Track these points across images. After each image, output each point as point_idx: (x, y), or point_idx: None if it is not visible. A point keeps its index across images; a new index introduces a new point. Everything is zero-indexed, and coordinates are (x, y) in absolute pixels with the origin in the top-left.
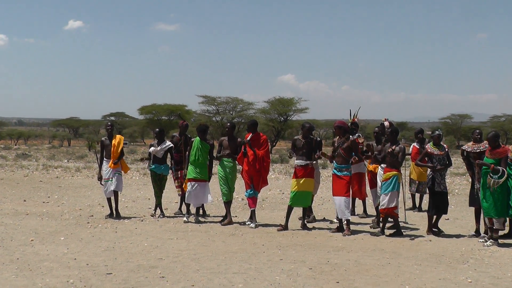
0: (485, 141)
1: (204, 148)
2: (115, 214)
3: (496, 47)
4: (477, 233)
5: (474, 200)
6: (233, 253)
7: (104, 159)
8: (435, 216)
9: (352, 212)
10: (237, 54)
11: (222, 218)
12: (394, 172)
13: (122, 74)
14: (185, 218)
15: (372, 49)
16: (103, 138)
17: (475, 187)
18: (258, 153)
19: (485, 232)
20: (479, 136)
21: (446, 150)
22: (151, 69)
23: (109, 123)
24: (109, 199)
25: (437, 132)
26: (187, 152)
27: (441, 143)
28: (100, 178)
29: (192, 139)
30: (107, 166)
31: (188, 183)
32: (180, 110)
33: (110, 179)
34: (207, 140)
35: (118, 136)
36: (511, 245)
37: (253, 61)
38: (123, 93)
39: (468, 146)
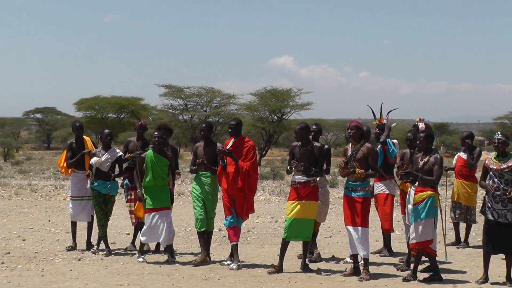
0: None
1: (161, 164)
2: (86, 246)
3: None
4: None
5: None
6: None
7: (76, 171)
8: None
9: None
10: (215, 28)
11: (192, 255)
12: (429, 193)
13: (54, 57)
14: (140, 258)
15: (402, 22)
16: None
17: None
18: (242, 165)
19: None
20: None
21: None
22: (93, 48)
23: (77, 123)
24: (74, 224)
25: (495, 137)
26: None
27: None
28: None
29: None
30: (82, 179)
31: (146, 215)
32: (134, 104)
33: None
34: (164, 152)
35: (86, 139)
36: None
37: (236, 38)
38: (54, 82)
39: None
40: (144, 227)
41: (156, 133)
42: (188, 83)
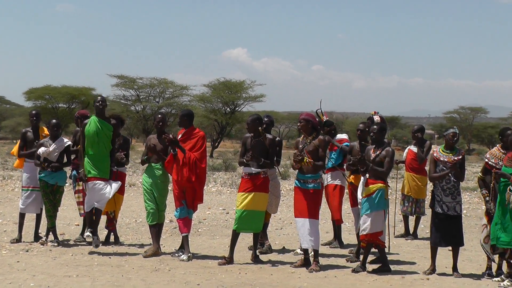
0: None
1: (105, 129)
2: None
3: None
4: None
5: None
6: None
7: (28, 161)
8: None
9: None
10: (168, 19)
11: (142, 246)
12: (380, 185)
13: (3, 46)
14: (91, 240)
15: (356, 16)
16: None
17: (489, 208)
18: (189, 155)
19: (499, 268)
20: None
21: (462, 156)
22: (44, 37)
23: (33, 111)
24: (22, 216)
25: (451, 129)
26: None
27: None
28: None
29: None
30: (35, 169)
31: (89, 183)
32: (85, 95)
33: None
34: (108, 119)
35: (43, 128)
36: None
37: (189, 29)
38: (3, 71)
39: (493, 154)
40: (86, 199)
41: (99, 97)
42: (141, 74)
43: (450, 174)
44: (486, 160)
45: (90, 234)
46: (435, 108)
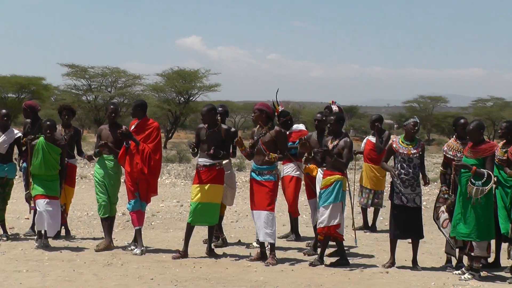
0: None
1: (52, 153)
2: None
3: None
4: (459, 263)
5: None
6: None
7: None
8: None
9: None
10: (120, 6)
11: (94, 240)
12: (337, 176)
13: None
14: (37, 243)
15: (313, 4)
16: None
17: (447, 199)
18: (143, 147)
19: (460, 261)
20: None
21: (422, 147)
22: None
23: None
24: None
25: (412, 119)
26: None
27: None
28: None
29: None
30: None
31: (38, 201)
32: (35, 84)
33: None
34: (57, 139)
35: None
36: (497, 279)
37: (141, 17)
38: None
39: (450, 146)
40: (37, 215)
41: (48, 122)
42: (92, 63)
43: (408, 165)
44: (444, 153)
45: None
46: (394, 97)
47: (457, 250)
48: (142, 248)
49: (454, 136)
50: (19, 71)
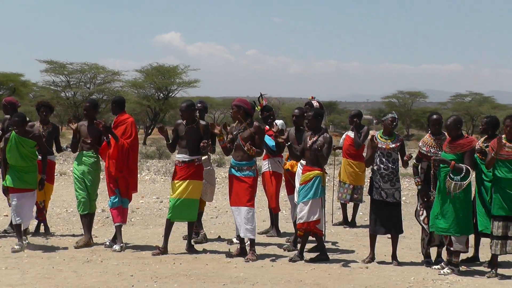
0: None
1: (26, 146)
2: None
3: None
4: (439, 257)
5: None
6: (88, 287)
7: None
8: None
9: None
10: (98, 2)
11: (74, 237)
12: (316, 172)
13: None
14: (17, 246)
15: (291, 0)
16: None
17: (423, 196)
18: (122, 143)
19: (439, 256)
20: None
21: (401, 142)
22: None
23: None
24: None
25: (390, 115)
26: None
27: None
28: None
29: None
30: None
31: (13, 195)
32: (13, 81)
33: None
34: (30, 132)
35: None
36: (476, 274)
37: (121, 13)
38: None
39: (425, 142)
40: (11, 210)
41: (16, 118)
42: (71, 59)
43: (387, 160)
44: (419, 148)
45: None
46: (373, 92)
47: (435, 248)
48: (122, 244)
49: (429, 132)
50: None
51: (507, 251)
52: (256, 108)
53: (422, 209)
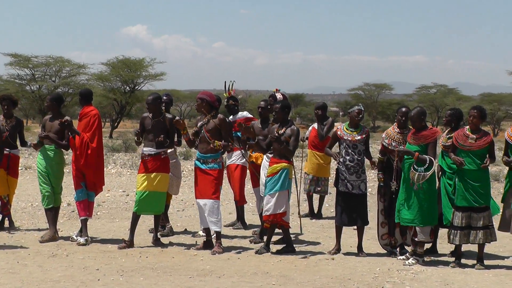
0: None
1: None
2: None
3: None
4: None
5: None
6: (54, 282)
7: None
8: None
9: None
10: None
11: (39, 231)
12: (284, 164)
13: None
14: None
15: None
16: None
17: (392, 186)
18: (83, 136)
19: (402, 247)
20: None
21: (367, 134)
22: None
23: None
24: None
25: (357, 107)
26: None
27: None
28: None
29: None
30: None
31: None
32: None
33: None
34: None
35: None
36: (440, 264)
37: (86, 5)
38: None
39: (388, 134)
40: None
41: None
42: (36, 52)
43: (353, 152)
44: (382, 139)
45: None
46: (340, 85)
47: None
48: (87, 237)
49: (394, 124)
50: None
51: (469, 241)
52: (224, 94)
53: (382, 202)
